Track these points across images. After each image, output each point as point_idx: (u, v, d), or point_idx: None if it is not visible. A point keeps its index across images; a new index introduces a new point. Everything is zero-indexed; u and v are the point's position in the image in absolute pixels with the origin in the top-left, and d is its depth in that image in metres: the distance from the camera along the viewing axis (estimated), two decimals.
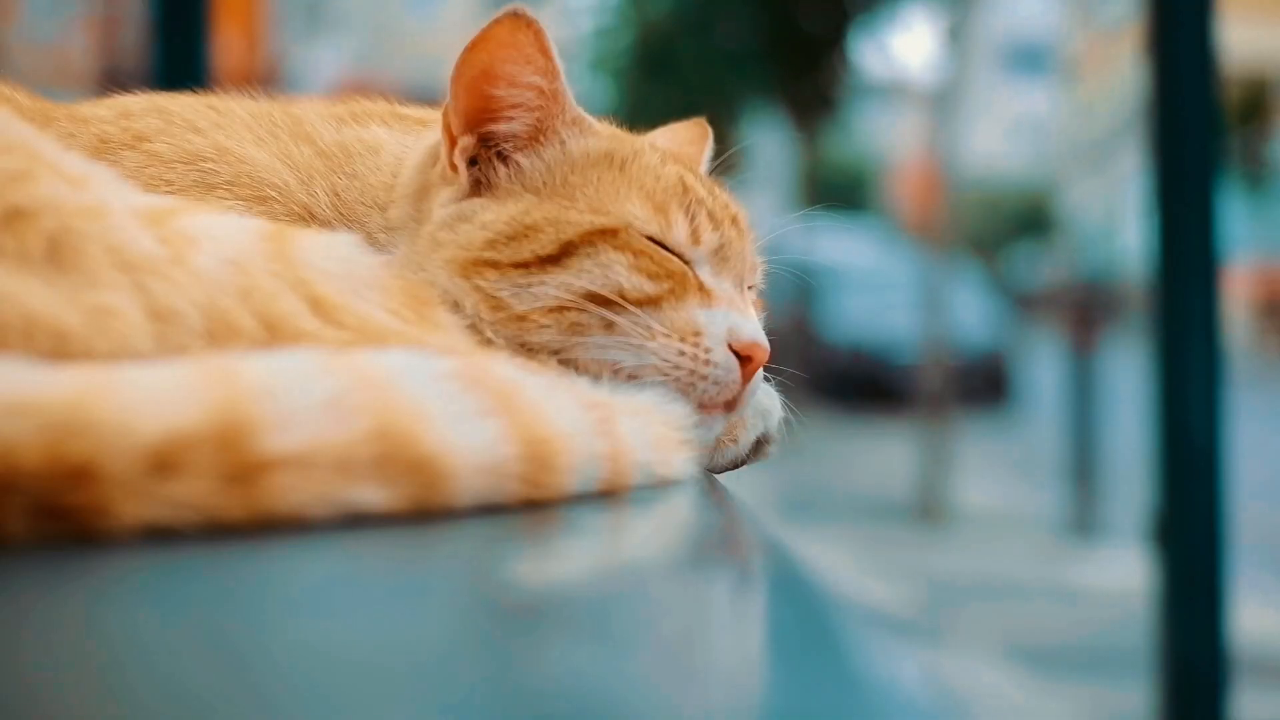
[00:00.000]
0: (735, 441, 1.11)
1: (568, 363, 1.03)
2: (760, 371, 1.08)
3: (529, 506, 0.80)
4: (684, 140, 1.31)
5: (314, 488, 0.70)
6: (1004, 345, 14.53)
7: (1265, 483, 7.49)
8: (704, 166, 1.29)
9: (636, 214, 1.07)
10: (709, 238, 1.10)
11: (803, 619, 0.72)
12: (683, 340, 1.04)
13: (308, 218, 1.07)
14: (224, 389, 0.70)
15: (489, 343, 1.02)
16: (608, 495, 0.86)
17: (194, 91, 1.18)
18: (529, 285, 1.03)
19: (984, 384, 13.47)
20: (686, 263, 1.08)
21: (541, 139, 1.10)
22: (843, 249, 14.56)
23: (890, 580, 6.02)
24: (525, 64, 1.07)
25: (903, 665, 0.63)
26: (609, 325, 1.03)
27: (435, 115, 1.14)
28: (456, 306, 1.03)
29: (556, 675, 0.53)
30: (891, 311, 13.18)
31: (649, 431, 0.92)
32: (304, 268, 0.88)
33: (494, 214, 1.06)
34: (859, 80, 15.96)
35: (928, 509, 7.83)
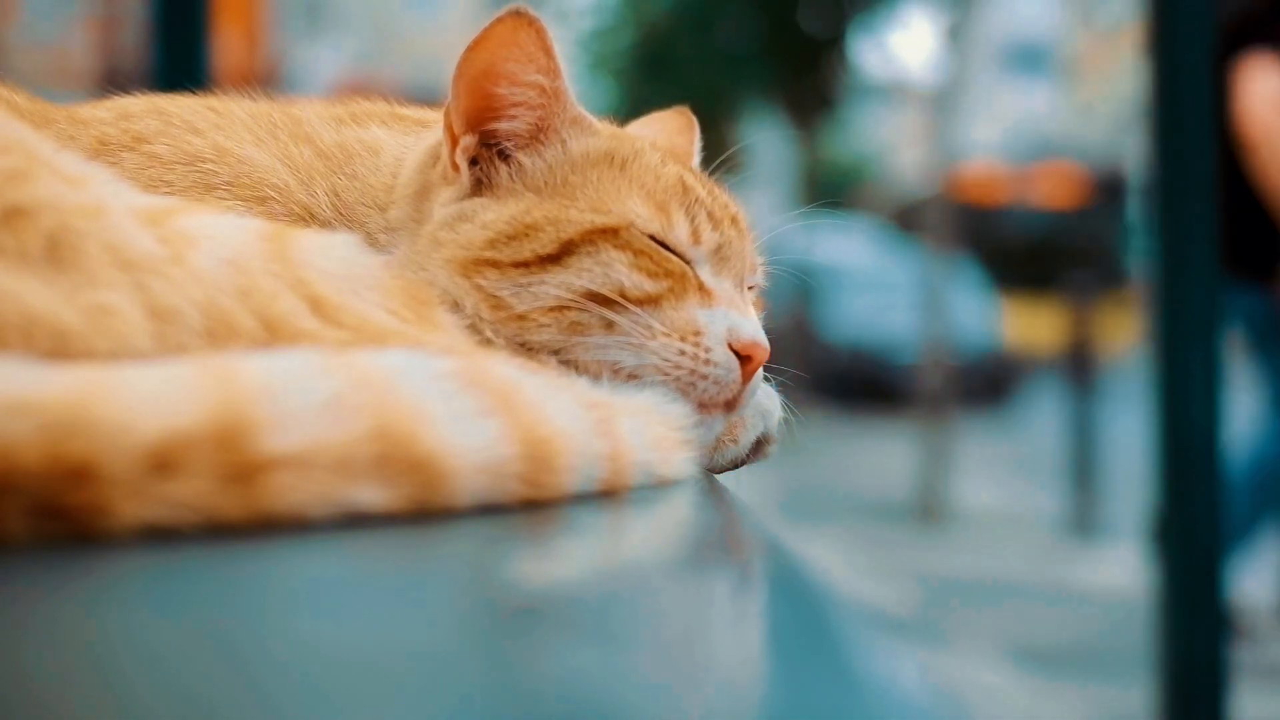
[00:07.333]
0: (735, 441, 1.11)
1: (568, 363, 1.03)
2: (760, 371, 1.08)
3: (529, 506, 0.79)
4: (672, 131, 1.31)
5: (314, 488, 0.70)
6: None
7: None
8: (696, 157, 1.29)
9: (637, 213, 1.07)
10: (709, 237, 1.10)
11: (803, 619, 0.72)
12: (683, 340, 1.04)
13: (307, 218, 1.07)
14: (223, 389, 0.70)
15: (489, 342, 1.02)
16: (608, 495, 0.86)
17: (194, 92, 1.18)
18: (529, 285, 1.03)
19: (984, 384, 13.46)
20: (687, 262, 1.08)
21: (543, 138, 1.10)
22: (843, 249, 14.57)
23: (890, 580, 6.02)
24: (527, 63, 1.07)
25: (903, 665, 0.63)
26: (609, 325, 1.03)
27: (435, 116, 1.14)
28: (456, 306, 1.03)
29: (557, 675, 0.52)
30: (891, 311, 13.18)
31: (649, 431, 0.92)
32: (303, 267, 0.88)
33: (495, 213, 1.06)
34: (859, 80, 15.98)
35: (928, 509, 7.83)
